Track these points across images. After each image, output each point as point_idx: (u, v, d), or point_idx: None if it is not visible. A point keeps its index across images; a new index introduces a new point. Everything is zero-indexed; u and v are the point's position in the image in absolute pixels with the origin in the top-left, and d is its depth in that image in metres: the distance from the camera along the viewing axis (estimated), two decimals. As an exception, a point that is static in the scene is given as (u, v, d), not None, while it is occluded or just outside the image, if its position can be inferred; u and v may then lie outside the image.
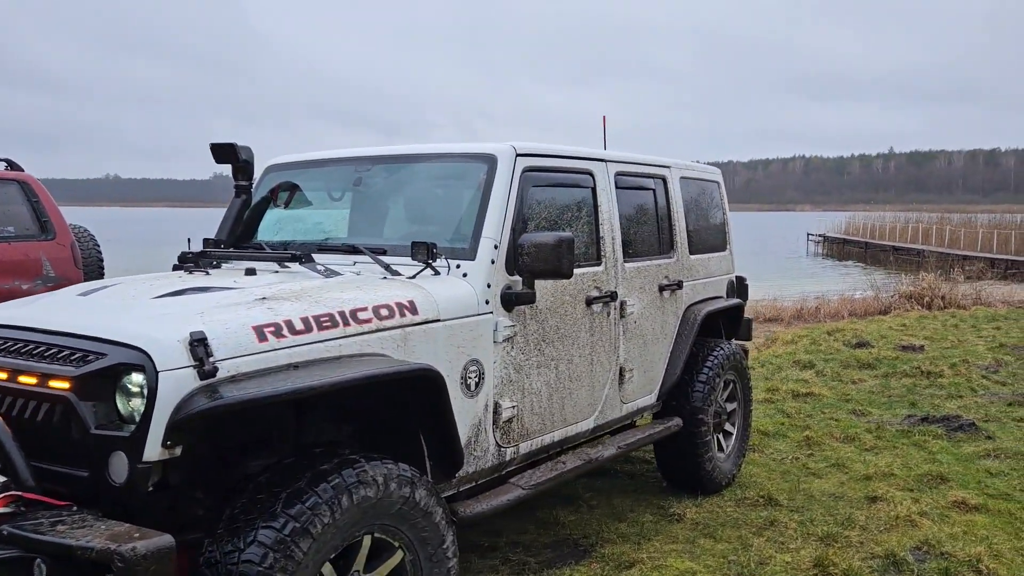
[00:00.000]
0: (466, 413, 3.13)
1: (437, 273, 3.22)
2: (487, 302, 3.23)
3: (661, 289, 4.47)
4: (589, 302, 3.82)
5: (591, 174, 3.97)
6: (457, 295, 3.13)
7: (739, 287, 5.53)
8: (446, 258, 3.28)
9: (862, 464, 5.36)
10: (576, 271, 3.72)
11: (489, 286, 3.24)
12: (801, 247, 49.80)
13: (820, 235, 48.50)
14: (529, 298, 3.32)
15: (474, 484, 3.33)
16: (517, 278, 3.33)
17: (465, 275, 3.24)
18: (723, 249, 5.33)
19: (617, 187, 4.17)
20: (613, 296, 3.98)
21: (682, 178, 4.86)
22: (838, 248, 44.22)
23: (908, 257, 36.92)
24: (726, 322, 5.33)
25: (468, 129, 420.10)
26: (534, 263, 3.21)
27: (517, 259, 3.27)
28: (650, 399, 4.47)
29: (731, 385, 5.05)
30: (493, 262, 3.27)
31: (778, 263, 39.05)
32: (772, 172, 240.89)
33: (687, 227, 4.81)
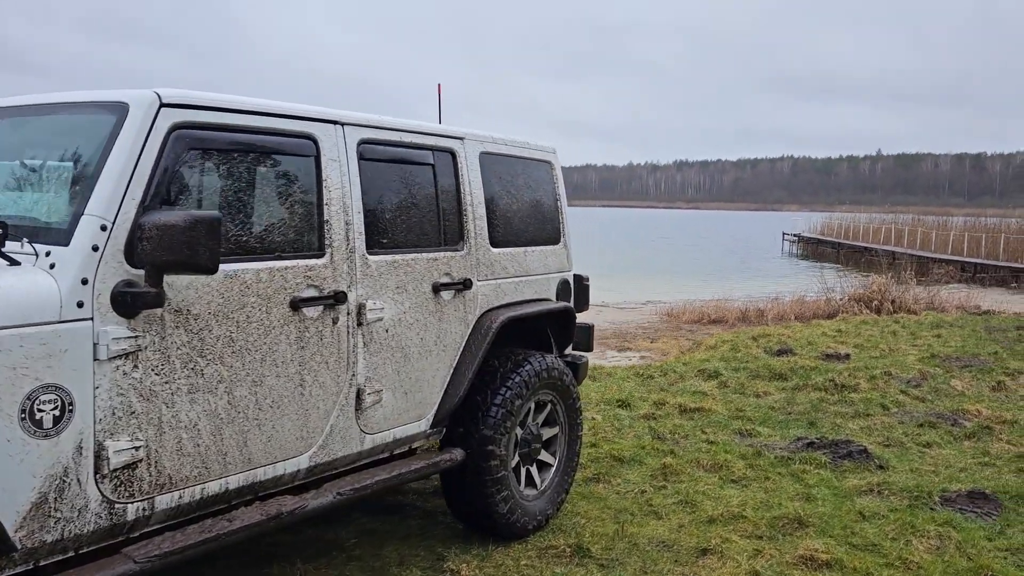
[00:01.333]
0: (32, 460, 2.23)
1: (16, 264, 2.32)
2: (80, 304, 2.32)
3: (437, 289, 3.58)
4: (297, 304, 2.92)
5: (313, 139, 3.06)
6: (19, 294, 2.23)
7: (577, 289, 4.65)
8: (30, 241, 2.38)
9: (714, 502, 4.48)
10: (273, 265, 2.85)
11: (86, 282, 2.34)
12: (778, 246, 49.09)
13: (795, 235, 47.70)
14: (152, 300, 2.41)
15: (73, 554, 2.43)
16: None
17: (53, 266, 2.34)
18: (553, 242, 4.45)
19: (363, 158, 3.28)
20: (340, 297, 3.08)
21: (485, 153, 3.97)
22: (812, 248, 43.44)
23: (880, 259, 36.20)
24: (556, 330, 4.45)
25: (456, 121, 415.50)
26: (157, 252, 2.34)
27: (136, 246, 2.38)
28: (419, 426, 3.58)
29: (548, 407, 4.16)
30: (97, 249, 2.37)
31: (750, 262, 38.25)
32: (760, 171, 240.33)
33: (488, 213, 3.92)
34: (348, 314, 3.14)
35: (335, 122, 3.17)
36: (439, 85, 4.89)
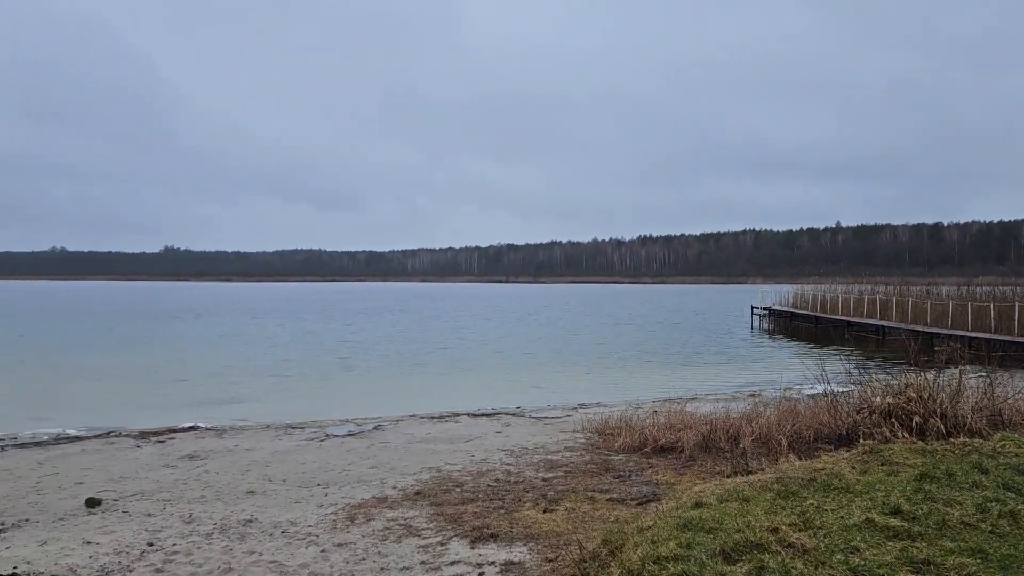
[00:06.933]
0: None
1: None
2: None
3: None
4: None
5: None
6: None
7: None
8: None
9: None
10: None
11: None
12: (747, 322, 44.25)
13: (765, 309, 42.84)
14: None
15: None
16: None
17: None
18: None
19: None
20: None
21: None
22: (784, 323, 38.57)
23: (866, 334, 31.46)
24: None
25: (408, 203, 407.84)
26: None
27: None
28: None
29: None
30: None
31: (718, 342, 33.16)
32: (724, 245, 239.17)
33: None
34: None
35: None
36: None
